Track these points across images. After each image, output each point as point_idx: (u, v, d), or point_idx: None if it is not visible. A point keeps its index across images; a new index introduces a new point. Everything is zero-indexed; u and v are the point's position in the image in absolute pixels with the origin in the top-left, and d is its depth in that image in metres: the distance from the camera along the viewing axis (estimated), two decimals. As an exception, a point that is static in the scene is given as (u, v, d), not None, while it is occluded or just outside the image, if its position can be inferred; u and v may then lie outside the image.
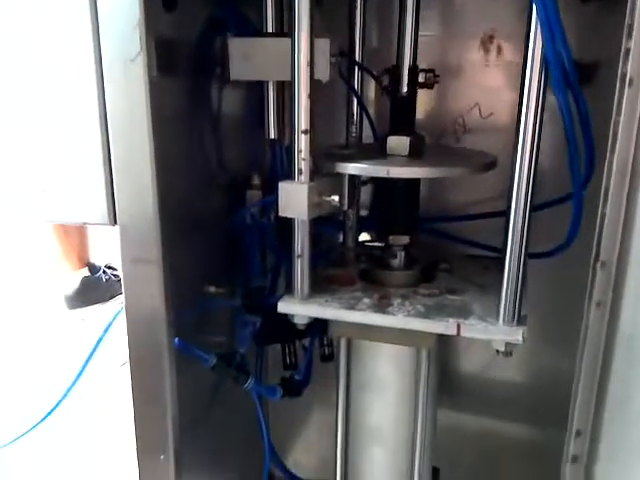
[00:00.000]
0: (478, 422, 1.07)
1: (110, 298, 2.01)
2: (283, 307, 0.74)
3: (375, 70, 0.81)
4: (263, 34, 0.73)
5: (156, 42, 0.59)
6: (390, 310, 0.73)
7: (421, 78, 0.73)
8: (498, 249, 0.80)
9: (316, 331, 0.91)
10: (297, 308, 0.74)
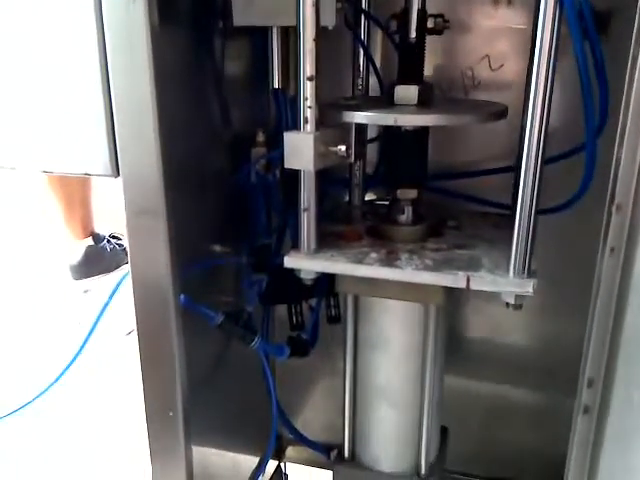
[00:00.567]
0: (487, 386, 1.07)
1: (115, 268, 2.00)
2: (289, 262, 0.73)
3: (382, 19, 0.79)
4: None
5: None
6: (398, 264, 0.71)
7: (430, 23, 0.70)
8: (508, 206, 0.79)
9: (322, 291, 0.90)
10: (303, 263, 0.73)
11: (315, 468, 1.15)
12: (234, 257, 0.84)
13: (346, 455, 0.89)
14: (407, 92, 0.71)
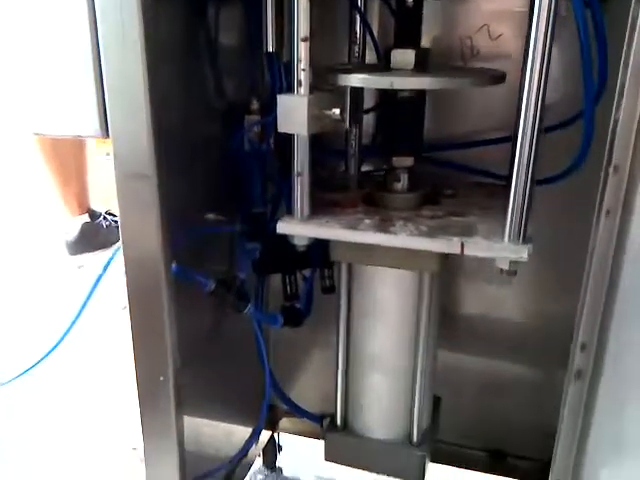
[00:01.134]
0: (481, 360, 1.06)
1: (111, 245, 2.00)
2: (282, 227, 0.72)
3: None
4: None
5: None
6: (392, 230, 0.71)
7: (428, -14, 0.69)
8: (504, 177, 0.78)
9: (316, 260, 0.90)
10: (297, 228, 0.72)
11: (310, 439, 1.15)
12: (228, 225, 0.84)
13: (338, 423, 0.89)
14: (404, 56, 0.70)
